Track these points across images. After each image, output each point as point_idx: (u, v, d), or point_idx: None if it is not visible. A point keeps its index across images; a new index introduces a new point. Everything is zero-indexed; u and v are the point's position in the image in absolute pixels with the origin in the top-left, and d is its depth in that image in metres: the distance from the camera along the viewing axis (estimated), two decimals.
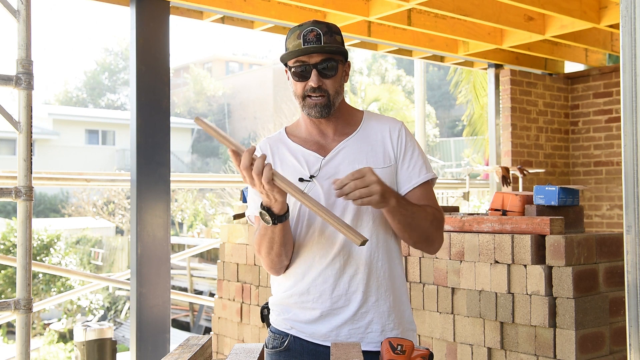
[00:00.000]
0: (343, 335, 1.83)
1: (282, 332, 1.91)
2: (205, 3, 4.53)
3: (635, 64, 1.35)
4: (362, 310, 1.83)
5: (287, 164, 1.90)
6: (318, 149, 1.90)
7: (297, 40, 1.82)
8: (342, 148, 1.88)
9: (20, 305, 2.40)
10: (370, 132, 1.92)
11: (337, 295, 1.83)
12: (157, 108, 4.15)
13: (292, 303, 1.88)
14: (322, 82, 1.83)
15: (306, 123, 1.95)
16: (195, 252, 7.12)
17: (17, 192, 2.40)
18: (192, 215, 19.96)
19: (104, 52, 37.58)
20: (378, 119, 1.97)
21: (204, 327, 13.53)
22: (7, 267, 11.91)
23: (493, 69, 6.69)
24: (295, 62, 1.83)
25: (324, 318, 1.84)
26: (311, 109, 1.84)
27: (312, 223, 1.85)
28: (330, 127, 1.91)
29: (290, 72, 1.86)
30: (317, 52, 1.80)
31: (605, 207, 6.77)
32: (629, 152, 1.35)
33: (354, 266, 1.83)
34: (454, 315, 2.97)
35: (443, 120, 30.68)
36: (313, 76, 1.81)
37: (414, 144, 1.93)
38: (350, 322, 1.83)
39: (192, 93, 34.00)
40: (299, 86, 1.85)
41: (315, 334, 1.85)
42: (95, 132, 27.79)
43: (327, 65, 1.82)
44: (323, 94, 1.83)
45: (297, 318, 1.88)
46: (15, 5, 2.44)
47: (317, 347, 1.85)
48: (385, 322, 1.85)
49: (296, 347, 1.87)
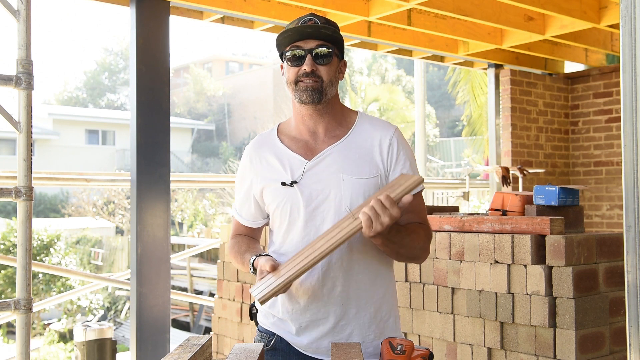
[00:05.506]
0: (324, 346, 1.81)
1: (269, 332, 1.90)
2: (205, 3, 4.53)
3: (635, 64, 1.35)
4: (342, 323, 1.81)
5: (272, 167, 1.87)
6: (305, 151, 1.85)
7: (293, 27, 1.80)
8: (328, 154, 1.83)
9: (20, 305, 2.40)
10: (361, 138, 1.86)
11: (316, 307, 1.80)
12: (157, 108, 4.15)
13: (275, 312, 1.88)
14: (316, 67, 1.80)
15: (297, 120, 1.90)
16: (195, 252, 7.12)
17: (17, 192, 2.40)
18: (192, 215, 19.96)
19: (104, 52, 37.60)
20: (372, 122, 1.90)
21: (204, 327, 13.52)
22: (7, 267, 11.90)
23: (493, 69, 6.69)
24: (291, 48, 1.81)
25: (304, 330, 1.83)
26: (302, 92, 1.80)
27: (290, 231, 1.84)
28: (322, 126, 1.86)
29: (285, 58, 1.83)
30: (314, 36, 1.79)
31: (605, 207, 6.77)
32: (629, 152, 1.35)
33: (332, 279, 1.79)
34: (454, 315, 2.97)
35: (443, 120, 30.67)
36: (307, 60, 1.79)
37: (406, 152, 1.87)
38: (330, 334, 1.81)
39: (192, 93, 33.99)
40: (292, 71, 1.82)
41: (297, 344, 1.85)
42: (95, 132, 27.79)
43: (322, 51, 1.79)
44: (316, 79, 1.80)
45: (280, 325, 1.88)
46: (15, 5, 2.44)
47: (300, 354, 1.85)
48: (366, 332, 1.82)
49: (283, 347, 1.87)
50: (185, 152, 29.86)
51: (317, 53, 1.79)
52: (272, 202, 1.86)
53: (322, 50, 1.80)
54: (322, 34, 1.79)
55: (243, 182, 1.95)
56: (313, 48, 1.79)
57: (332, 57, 1.82)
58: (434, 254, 3.07)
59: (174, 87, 31.04)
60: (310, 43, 1.80)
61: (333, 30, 1.81)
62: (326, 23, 1.82)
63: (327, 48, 1.81)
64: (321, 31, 1.79)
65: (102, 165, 24.61)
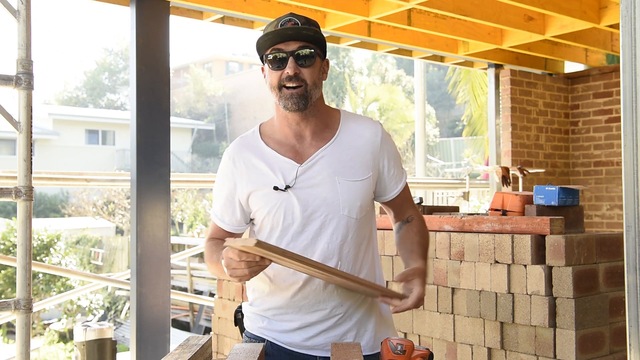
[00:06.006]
0: (318, 342, 1.82)
1: (258, 337, 1.88)
2: (205, 3, 4.53)
3: (635, 64, 1.35)
4: (339, 322, 1.82)
5: (259, 171, 1.81)
6: (294, 155, 1.81)
7: (273, 29, 1.75)
8: (320, 157, 1.80)
9: (20, 305, 2.40)
10: (350, 138, 1.85)
11: (316, 309, 1.81)
12: (157, 108, 4.15)
13: (270, 315, 1.86)
14: (299, 70, 1.74)
15: (281, 123, 1.84)
16: (195, 252, 7.11)
17: (17, 192, 2.40)
18: (192, 215, 19.96)
19: (104, 52, 37.59)
20: (356, 120, 1.90)
21: (204, 327, 13.52)
22: (7, 267, 11.90)
23: (493, 69, 6.69)
24: (272, 51, 1.75)
25: (300, 329, 1.82)
26: (287, 100, 1.75)
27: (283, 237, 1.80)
28: (308, 129, 1.82)
29: (266, 60, 1.78)
30: (295, 38, 1.74)
31: (605, 207, 6.77)
32: (629, 152, 1.35)
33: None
34: (454, 315, 2.97)
35: (443, 120, 30.67)
36: (290, 63, 1.73)
37: (392, 147, 1.91)
38: (325, 332, 1.82)
39: (192, 93, 33.98)
40: (275, 75, 1.76)
41: (292, 343, 1.84)
42: (95, 132, 27.79)
43: (304, 52, 1.75)
44: (300, 83, 1.74)
45: (271, 327, 1.85)
46: (15, 5, 2.44)
47: (293, 353, 1.84)
48: (360, 326, 1.84)
49: (273, 352, 1.85)
50: (185, 152, 29.85)
51: (299, 54, 1.74)
52: (263, 208, 1.80)
53: (304, 52, 1.75)
54: (303, 35, 1.74)
55: (225, 186, 1.87)
56: (295, 50, 1.74)
57: (315, 58, 1.77)
58: (434, 254, 3.07)
59: (174, 87, 31.02)
60: (292, 45, 1.74)
61: (314, 30, 1.76)
62: (307, 23, 1.77)
63: (309, 49, 1.75)
64: (302, 32, 1.74)
65: (102, 165, 24.61)
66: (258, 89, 31.21)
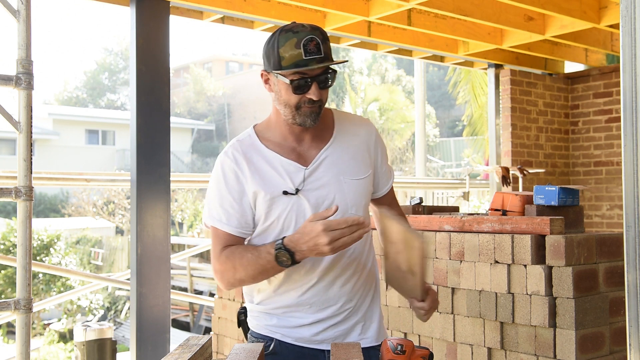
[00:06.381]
0: (328, 335, 1.85)
1: (266, 337, 1.87)
2: (205, 3, 4.53)
3: (635, 64, 1.35)
4: (348, 316, 1.87)
5: (265, 174, 1.78)
6: (297, 157, 1.81)
7: (295, 50, 1.68)
8: (324, 157, 1.82)
9: (20, 305, 2.40)
10: (347, 137, 1.87)
11: (327, 305, 1.84)
12: (157, 108, 4.15)
13: (280, 313, 1.86)
14: (321, 93, 1.74)
15: (280, 126, 1.82)
16: (195, 252, 7.12)
17: (17, 192, 2.40)
18: (192, 215, 19.96)
19: (104, 52, 37.62)
20: (349, 119, 1.92)
21: (204, 327, 13.52)
22: (7, 267, 11.90)
23: (493, 69, 6.68)
24: (294, 74, 1.71)
25: (311, 325, 1.84)
26: (307, 117, 1.74)
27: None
28: (308, 131, 1.83)
29: (287, 82, 1.72)
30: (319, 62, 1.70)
31: (605, 207, 6.77)
32: (629, 152, 1.35)
33: (344, 276, 1.84)
34: (454, 315, 2.97)
35: (443, 120, 30.67)
36: (314, 89, 1.72)
37: (383, 144, 1.98)
38: (334, 327, 1.85)
39: (192, 93, 33.99)
40: (295, 97, 1.73)
41: (301, 338, 1.84)
42: (95, 132, 27.79)
43: (327, 77, 1.74)
44: (319, 103, 1.76)
45: (280, 324, 1.86)
46: (15, 5, 2.44)
47: (302, 350, 1.85)
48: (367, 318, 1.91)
49: (282, 350, 1.85)
50: (185, 152, 29.86)
51: (323, 79, 1.73)
52: (272, 212, 1.77)
53: (328, 76, 1.74)
54: (326, 59, 1.71)
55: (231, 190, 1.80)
56: (319, 74, 1.72)
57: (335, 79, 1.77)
58: (434, 254, 3.07)
59: (174, 87, 31.00)
60: (316, 69, 1.71)
61: (331, 49, 1.75)
62: (324, 38, 1.72)
63: (332, 72, 1.75)
64: (326, 59, 1.70)
65: (102, 165, 24.61)
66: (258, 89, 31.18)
